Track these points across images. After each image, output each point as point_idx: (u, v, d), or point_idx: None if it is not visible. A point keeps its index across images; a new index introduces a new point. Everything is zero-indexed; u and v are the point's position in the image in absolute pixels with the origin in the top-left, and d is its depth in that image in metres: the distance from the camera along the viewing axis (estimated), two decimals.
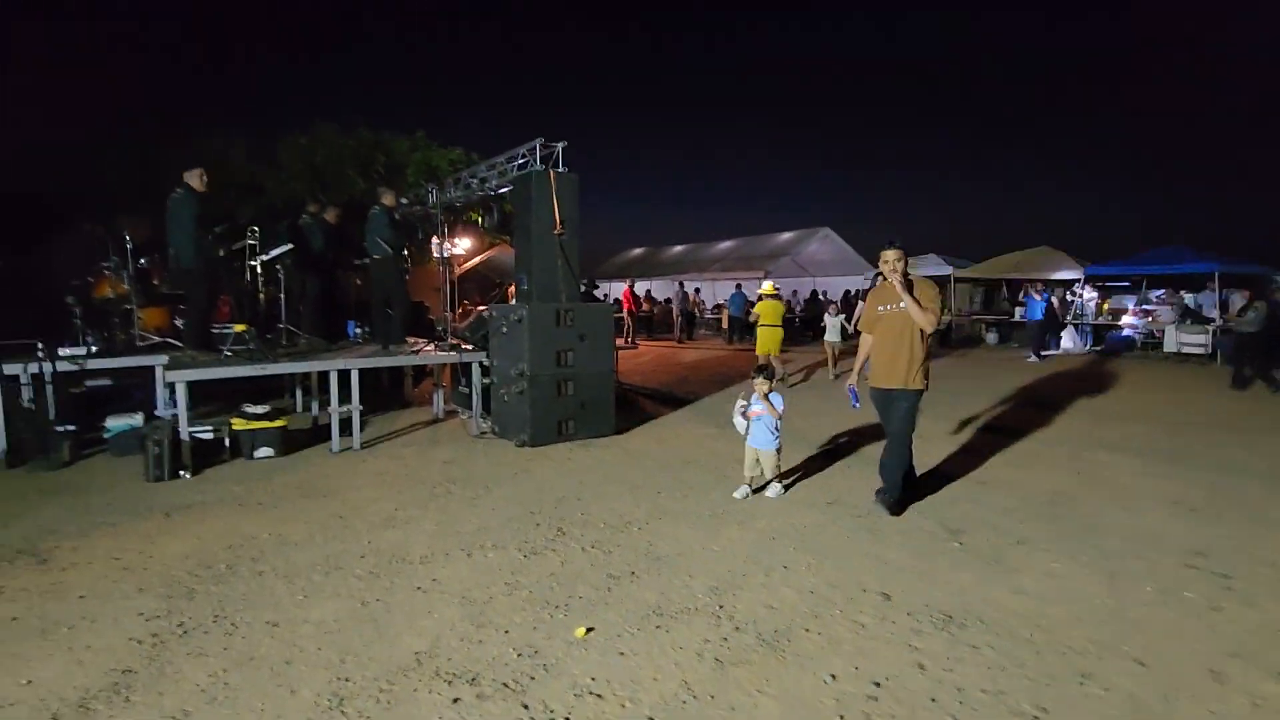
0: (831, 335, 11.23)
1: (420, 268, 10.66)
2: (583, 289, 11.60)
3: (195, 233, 6.12)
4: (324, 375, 6.95)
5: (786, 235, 23.07)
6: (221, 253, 6.74)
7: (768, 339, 9.89)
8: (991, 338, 17.02)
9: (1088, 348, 14.66)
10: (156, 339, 7.02)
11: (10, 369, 5.98)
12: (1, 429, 5.85)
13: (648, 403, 8.94)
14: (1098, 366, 12.48)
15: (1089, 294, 15.93)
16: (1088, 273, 15.76)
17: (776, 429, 4.73)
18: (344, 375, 6.31)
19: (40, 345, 6.29)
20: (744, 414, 4.77)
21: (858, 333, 5.08)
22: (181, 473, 5.48)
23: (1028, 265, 16.77)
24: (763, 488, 4.92)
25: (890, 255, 4.39)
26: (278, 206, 11.06)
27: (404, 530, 4.31)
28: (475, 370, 6.96)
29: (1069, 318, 15.20)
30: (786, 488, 4.97)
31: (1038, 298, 13.59)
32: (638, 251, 29.47)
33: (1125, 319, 15.00)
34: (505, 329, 6.64)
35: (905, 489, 4.63)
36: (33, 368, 6.11)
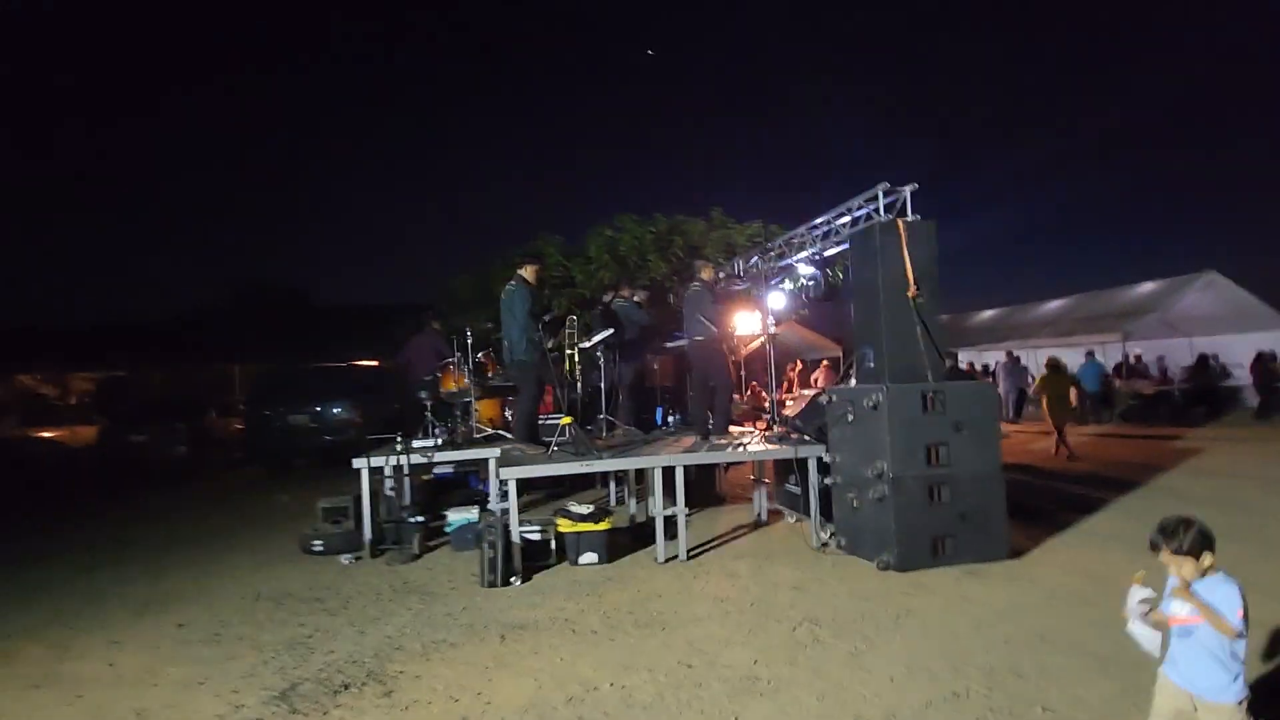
0: None
1: None
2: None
3: (528, 324, 6.05)
4: (642, 470, 6.37)
5: (1149, 286, 18.39)
6: (549, 344, 6.68)
7: (1053, 412, 10.01)
8: None
9: None
10: (490, 430, 7.17)
11: (376, 461, 6.38)
12: (370, 521, 6.17)
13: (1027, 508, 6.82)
14: None
15: None
16: None
17: (1235, 659, 2.19)
18: (668, 472, 5.57)
19: (400, 438, 6.70)
20: (1144, 615, 2.36)
21: None
22: (513, 579, 5.10)
23: None
24: None
25: None
26: (587, 296, 11.44)
27: (776, 702, 3.14)
28: (812, 468, 5.76)
29: None
30: None
31: None
32: (940, 319, 26.20)
33: None
34: (852, 417, 5.37)
35: None
36: (392, 460, 6.48)
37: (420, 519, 6.40)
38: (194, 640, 4.30)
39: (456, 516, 6.33)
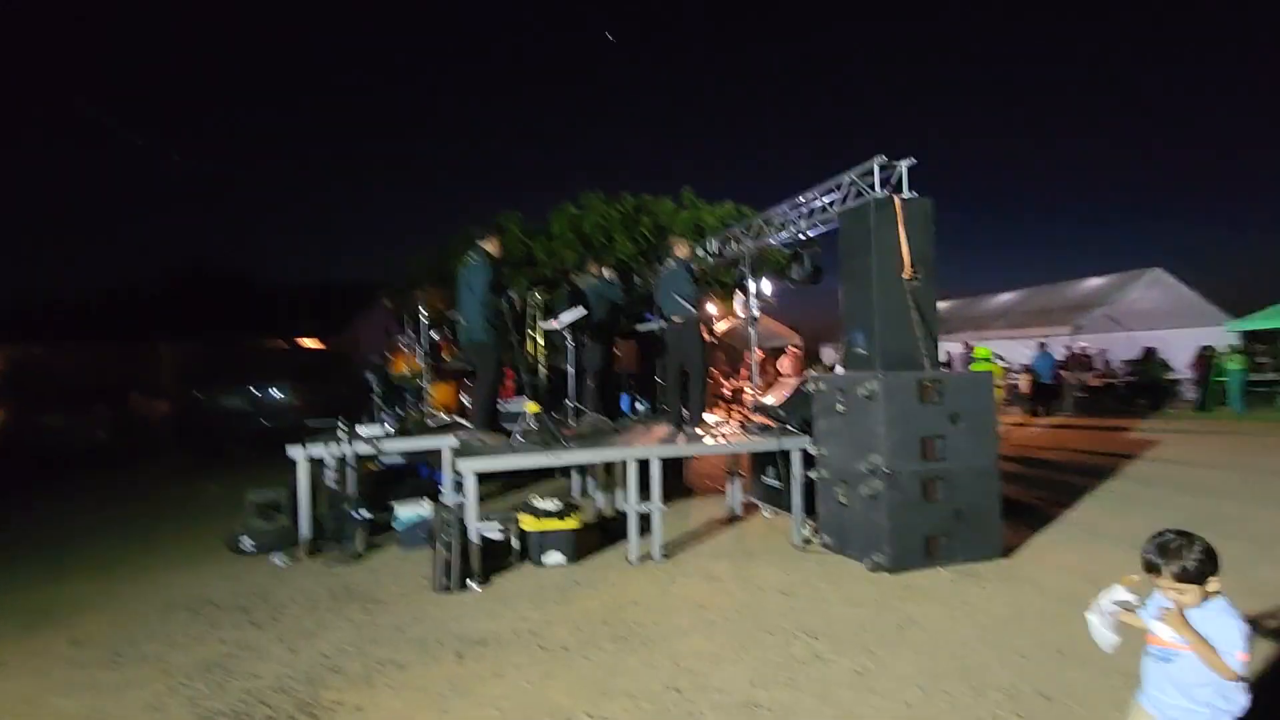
0: None
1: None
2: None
3: (489, 301, 5.48)
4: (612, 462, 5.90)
5: (1096, 281, 18.79)
6: (509, 322, 6.10)
7: None
8: None
9: None
10: (445, 418, 6.58)
11: (315, 450, 5.73)
12: (307, 515, 5.54)
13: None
14: None
15: None
16: None
17: (1227, 700, 1.85)
18: (642, 465, 5.12)
19: (343, 425, 6.06)
20: (1113, 614, 2.03)
21: None
22: (470, 583, 4.57)
23: None
24: None
25: None
26: (548, 276, 10.88)
27: None
28: (796, 460, 5.38)
29: None
30: None
31: None
32: (936, 304, 26.24)
33: None
34: (841, 407, 5.01)
35: None
36: (334, 449, 5.84)
37: (364, 513, 5.79)
38: (90, 661, 3.64)
39: (406, 511, 5.74)
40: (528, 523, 5.06)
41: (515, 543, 5.10)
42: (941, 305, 24.54)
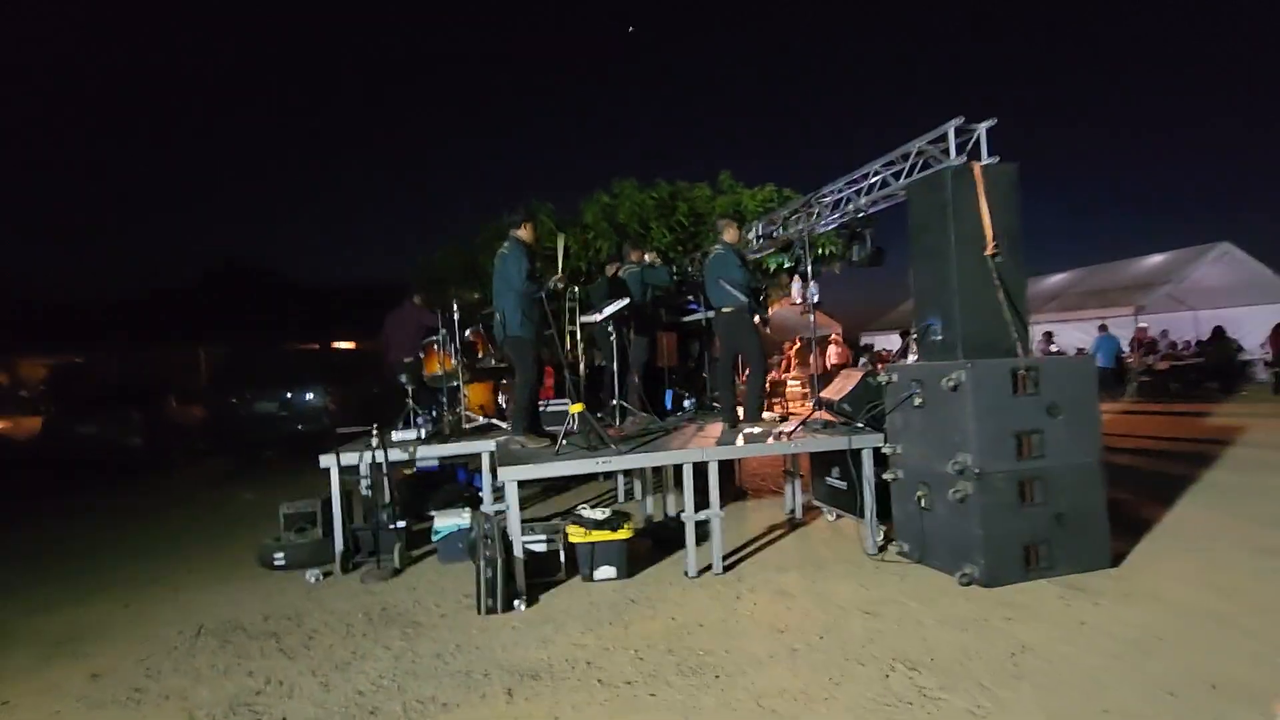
0: None
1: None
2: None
3: (526, 291, 5.08)
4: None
5: (1158, 259, 17.75)
6: (548, 315, 5.70)
7: None
8: None
9: None
10: (482, 420, 6.21)
11: (348, 458, 5.40)
12: (340, 530, 5.22)
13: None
14: None
15: None
16: None
17: None
18: (700, 468, 4.67)
19: (376, 430, 5.73)
20: None
21: None
22: (516, 603, 4.18)
23: None
24: None
25: None
26: (581, 270, 10.47)
27: None
28: (867, 460, 4.88)
29: None
30: None
31: None
32: (1023, 282, 25.20)
33: None
34: (920, 400, 4.49)
35: None
36: (368, 456, 5.50)
37: (401, 524, 5.46)
38: (107, 699, 3.33)
39: (444, 521, 5.38)
40: (576, 534, 4.64)
41: (562, 555, 4.70)
42: None
